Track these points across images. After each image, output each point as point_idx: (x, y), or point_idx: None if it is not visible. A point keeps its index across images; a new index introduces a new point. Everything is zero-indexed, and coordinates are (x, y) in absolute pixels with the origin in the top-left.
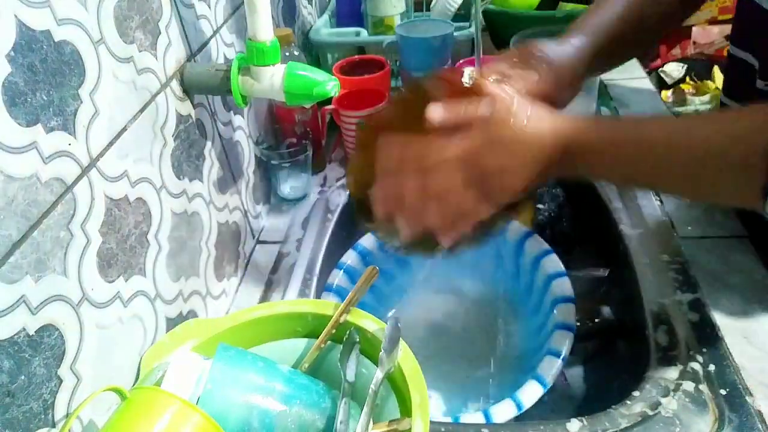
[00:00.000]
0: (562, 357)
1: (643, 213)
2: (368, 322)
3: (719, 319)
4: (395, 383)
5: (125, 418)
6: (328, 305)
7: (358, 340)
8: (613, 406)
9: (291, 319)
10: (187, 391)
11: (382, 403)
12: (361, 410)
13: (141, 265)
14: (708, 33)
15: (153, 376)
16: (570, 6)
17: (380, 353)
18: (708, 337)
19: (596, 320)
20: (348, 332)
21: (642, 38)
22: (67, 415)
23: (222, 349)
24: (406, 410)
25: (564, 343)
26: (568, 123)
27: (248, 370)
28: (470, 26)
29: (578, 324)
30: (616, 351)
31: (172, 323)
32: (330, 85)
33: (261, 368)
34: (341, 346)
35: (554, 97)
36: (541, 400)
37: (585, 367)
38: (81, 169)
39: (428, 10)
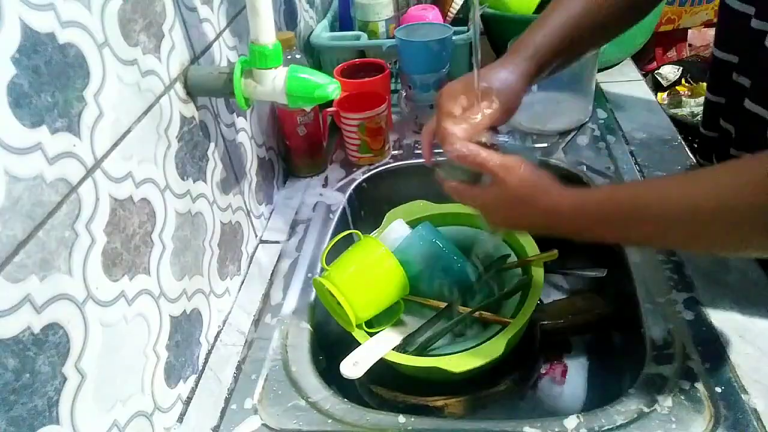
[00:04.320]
0: None
1: None
2: None
3: (714, 317)
4: None
5: (354, 248)
6: None
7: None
8: (610, 404)
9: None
10: (392, 242)
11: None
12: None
13: (145, 265)
14: (703, 36)
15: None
16: None
17: None
18: (703, 336)
19: (592, 314)
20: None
21: (589, 41)
22: (71, 413)
23: (422, 225)
24: None
25: None
26: (567, 192)
27: (426, 241)
28: (469, 30)
29: (576, 318)
30: (613, 349)
31: (175, 322)
32: (331, 87)
33: (434, 241)
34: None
35: (504, 119)
36: (538, 398)
37: (582, 365)
38: (86, 169)
39: None
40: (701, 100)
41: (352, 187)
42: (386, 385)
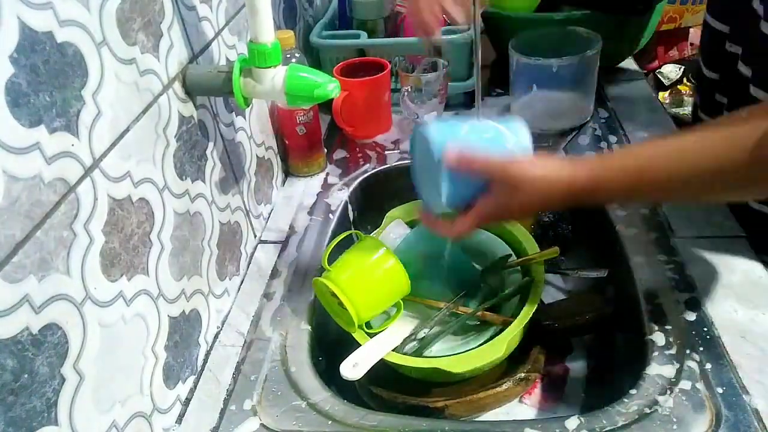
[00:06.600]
0: None
1: (639, 213)
2: None
3: (715, 318)
4: None
5: (355, 248)
6: None
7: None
8: (611, 405)
9: None
10: (392, 242)
11: None
12: None
13: (144, 265)
14: None
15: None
16: (569, 8)
17: None
18: (705, 336)
19: (594, 314)
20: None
21: None
22: (70, 413)
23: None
24: None
25: None
26: (580, 173)
27: (425, 241)
28: (469, 29)
29: (577, 319)
30: (614, 350)
31: (174, 322)
32: (330, 86)
33: (434, 241)
34: None
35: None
36: (539, 399)
37: (583, 366)
38: (84, 169)
39: None
40: None
41: (352, 187)
42: (386, 386)
